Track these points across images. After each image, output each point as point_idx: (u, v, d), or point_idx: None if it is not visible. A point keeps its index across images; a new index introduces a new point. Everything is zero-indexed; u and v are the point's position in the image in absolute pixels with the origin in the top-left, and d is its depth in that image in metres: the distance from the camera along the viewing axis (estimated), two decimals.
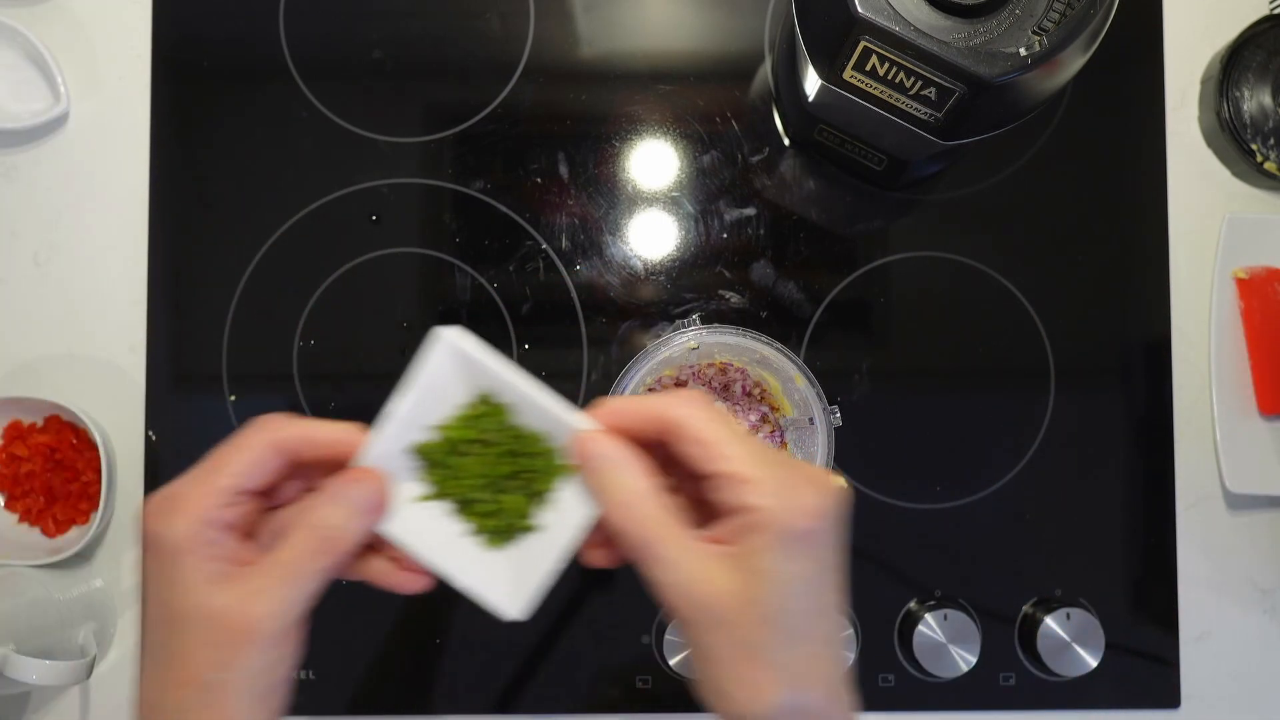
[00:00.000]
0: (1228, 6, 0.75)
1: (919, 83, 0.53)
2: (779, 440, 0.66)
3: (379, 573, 0.42)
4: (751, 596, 0.37)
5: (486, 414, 0.42)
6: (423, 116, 0.75)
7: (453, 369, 0.42)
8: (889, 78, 0.54)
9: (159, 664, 0.38)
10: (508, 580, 0.42)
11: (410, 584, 0.42)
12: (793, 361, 0.60)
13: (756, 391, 0.66)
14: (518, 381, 0.41)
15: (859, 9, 0.51)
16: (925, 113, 0.55)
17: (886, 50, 0.52)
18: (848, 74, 0.55)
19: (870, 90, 0.56)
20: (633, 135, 0.74)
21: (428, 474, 0.42)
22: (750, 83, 0.75)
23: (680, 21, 0.75)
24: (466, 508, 0.42)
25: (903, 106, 0.56)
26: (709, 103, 0.74)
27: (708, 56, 0.75)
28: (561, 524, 0.42)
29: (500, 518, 0.42)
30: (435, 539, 0.42)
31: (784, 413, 0.66)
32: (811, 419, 0.61)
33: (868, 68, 0.54)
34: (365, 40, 0.75)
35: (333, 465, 0.41)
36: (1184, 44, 0.75)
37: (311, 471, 0.42)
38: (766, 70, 0.74)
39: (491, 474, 0.42)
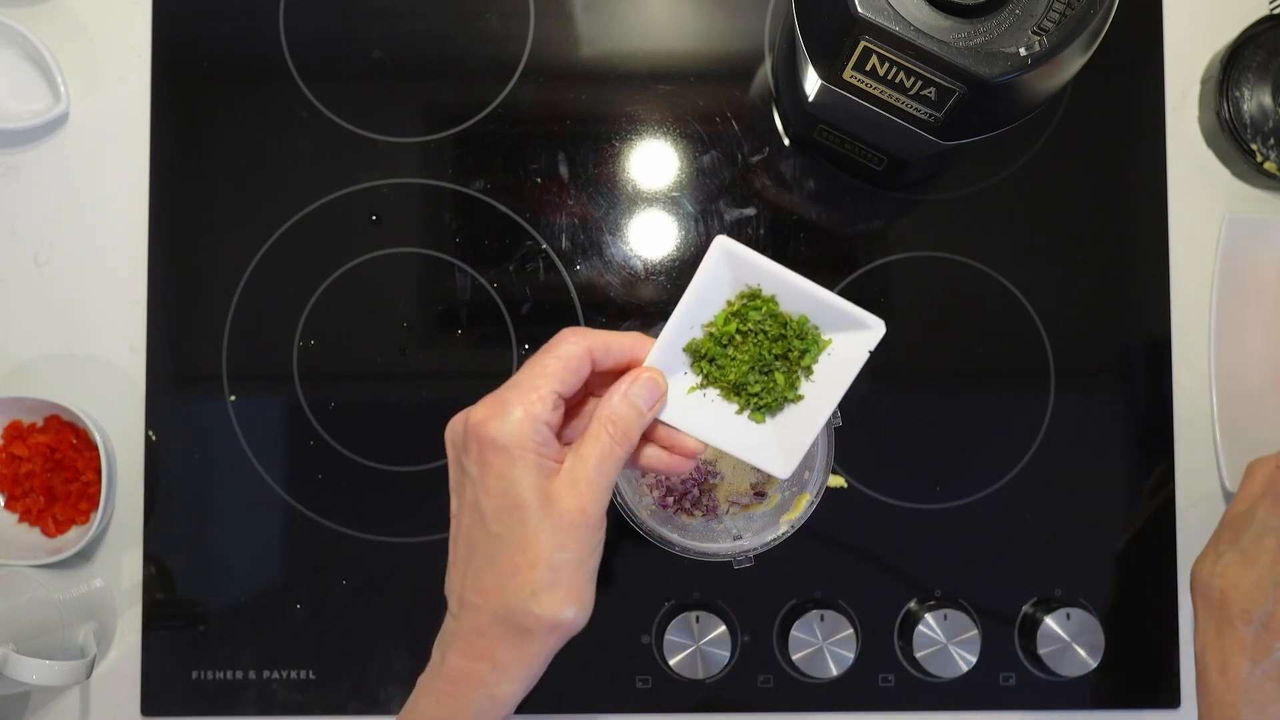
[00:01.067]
0: (1228, 6, 0.75)
1: (919, 83, 0.53)
2: None
3: (653, 458, 0.49)
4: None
5: (753, 307, 0.49)
6: (423, 116, 0.75)
7: (724, 270, 0.48)
8: (889, 78, 0.54)
9: (503, 552, 0.43)
10: (775, 446, 0.50)
11: (680, 465, 0.49)
12: None
13: None
14: (788, 275, 0.48)
15: (859, 9, 0.51)
16: (925, 113, 0.55)
17: (886, 50, 0.52)
18: (848, 74, 0.55)
19: (870, 90, 0.56)
20: (633, 135, 0.74)
21: (699, 367, 0.50)
22: (750, 82, 0.75)
23: (680, 21, 0.75)
24: (735, 390, 0.50)
25: (903, 106, 0.56)
26: (709, 103, 0.74)
27: (708, 56, 0.75)
28: (820, 392, 0.50)
29: (770, 394, 0.50)
30: (709, 420, 0.49)
31: None
32: None
33: (868, 68, 0.54)
34: (365, 40, 0.75)
35: (614, 375, 0.47)
36: (1184, 44, 0.75)
37: (594, 382, 0.48)
38: (766, 70, 0.74)
39: (761, 358, 0.49)
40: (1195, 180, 0.75)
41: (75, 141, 0.74)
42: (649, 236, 0.74)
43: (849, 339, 0.49)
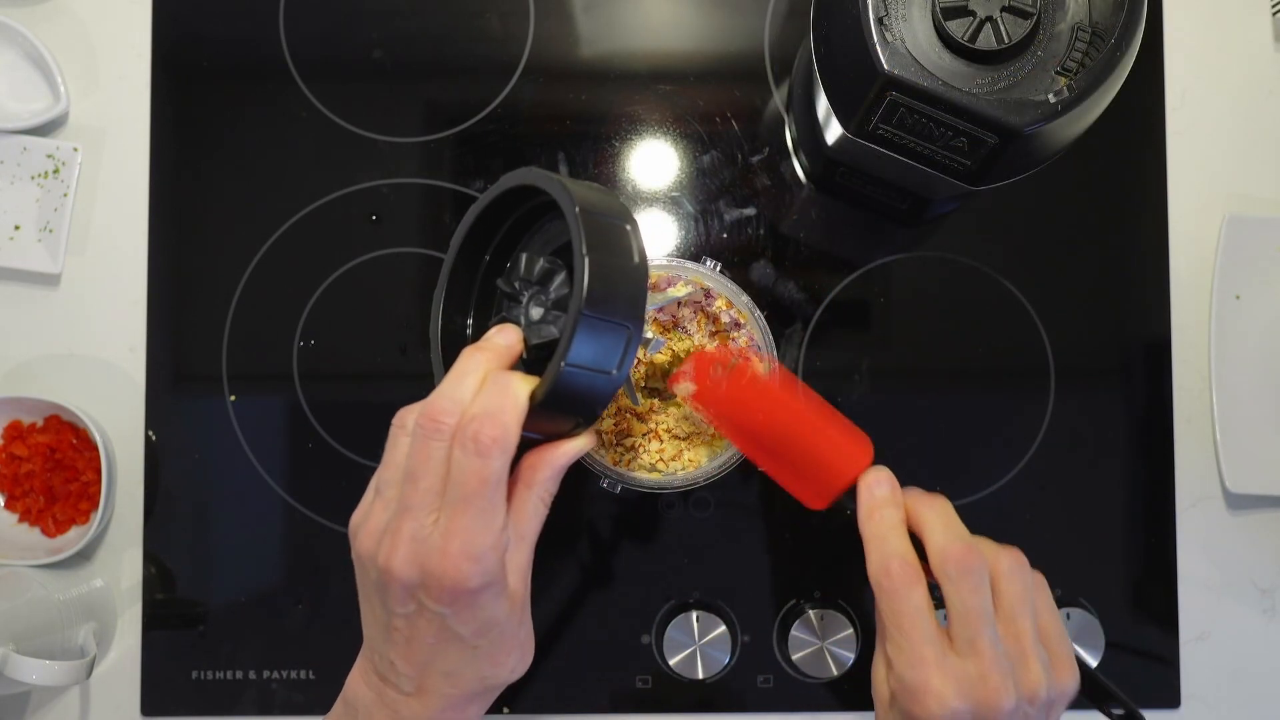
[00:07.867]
0: (1228, 7, 0.75)
1: (949, 133, 0.52)
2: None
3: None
4: None
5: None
6: (423, 116, 0.75)
7: None
8: (917, 129, 0.53)
9: (482, 656, 0.49)
10: None
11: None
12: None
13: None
14: None
15: (885, 65, 0.50)
16: (955, 160, 0.54)
17: (914, 104, 0.51)
18: (873, 126, 0.54)
19: (898, 140, 0.54)
20: (633, 135, 0.74)
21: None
22: (750, 84, 0.74)
23: (680, 21, 0.75)
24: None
25: (931, 154, 0.54)
26: (709, 103, 0.74)
27: (708, 56, 0.75)
28: None
29: None
30: None
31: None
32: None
33: (894, 120, 0.53)
34: (365, 40, 0.75)
35: None
36: (1184, 44, 0.75)
37: None
38: (778, 103, 0.74)
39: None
40: (1195, 180, 0.75)
41: (75, 141, 0.74)
42: (649, 236, 0.74)
43: None
